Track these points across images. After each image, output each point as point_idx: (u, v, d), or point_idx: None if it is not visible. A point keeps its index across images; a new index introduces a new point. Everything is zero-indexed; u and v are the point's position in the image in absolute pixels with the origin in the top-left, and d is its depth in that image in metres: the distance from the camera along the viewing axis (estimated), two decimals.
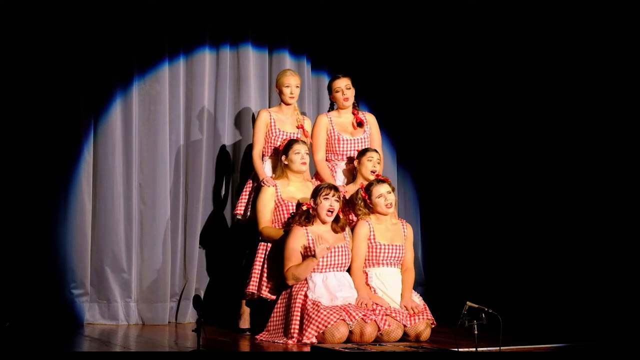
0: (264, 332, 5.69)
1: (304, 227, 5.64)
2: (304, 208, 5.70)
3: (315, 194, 5.67)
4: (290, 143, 6.06)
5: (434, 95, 7.55)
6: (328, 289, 5.54)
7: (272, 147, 6.30)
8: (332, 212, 5.65)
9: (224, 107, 6.99)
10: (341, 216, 5.76)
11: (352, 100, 6.39)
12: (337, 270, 5.64)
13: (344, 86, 6.35)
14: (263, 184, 6.05)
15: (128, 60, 6.63)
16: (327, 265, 5.60)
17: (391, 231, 5.88)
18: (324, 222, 5.68)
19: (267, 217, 6.00)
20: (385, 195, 5.84)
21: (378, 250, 5.80)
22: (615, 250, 6.39)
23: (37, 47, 6.36)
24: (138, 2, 6.63)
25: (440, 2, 7.32)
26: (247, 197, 6.28)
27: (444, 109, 7.53)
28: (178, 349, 5.48)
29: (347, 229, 5.87)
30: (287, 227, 5.85)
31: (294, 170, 6.04)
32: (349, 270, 5.76)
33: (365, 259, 5.80)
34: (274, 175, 6.16)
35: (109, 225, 6.50)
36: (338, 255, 5.65)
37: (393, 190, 5.92)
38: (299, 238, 5.62)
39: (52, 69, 6.40)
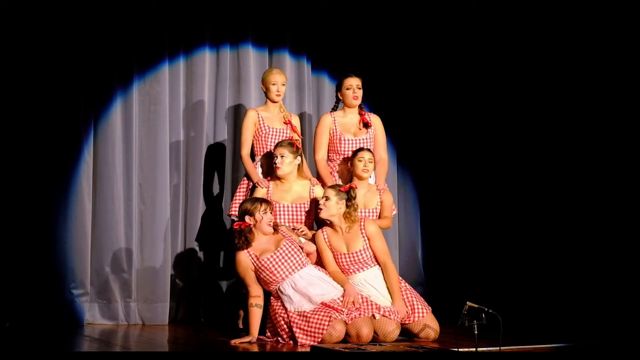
0: (263, 336, 5.66)
1: (245, 250, 5.57)
2: (238, 228, 5.58)
3: (250, 212, 5.56)
4: (275, 145, 6.03)
5: (434, 96, 7.55)
6: (302, 292, 5.50)
7: (262, 145, 6.27)
8: (271, 224, 5.62)
9: (224, 107, 6.99)
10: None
11: (360, 100, 6.37)
12: (299, 269, 5.56)
13: (355, 85, 6.32)
14: (258, 186, 6.05)
15: (128, 60, 6.63)
16: (286, 270, 5.53)
17: (346, 239, 5.76)
18: (266, 234, 5.61)
19: None
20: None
21: (338, 260, 5.75)
22: (615, 250, 6.39)
23: (37, 47, 6.36)
24: (138, 2, 6.63)
25: (441, 2, 7.31)
26: (241, 197, 6.24)
27: (444, 109, 7.52)
28: (178, 349, 5.48)
29: (283, 227, 5.78)
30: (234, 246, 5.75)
31: (276, 174, 6.01)
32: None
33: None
34: (269, 177, 6.13)
35: (109, 225, 6.51)
36: (289, 256, 5.56)
37: (352, 204, 5.73)
38: (245, 262, 5.55)
39: (52, 69, 6.39)
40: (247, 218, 5.58)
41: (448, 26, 7.41)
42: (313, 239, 5.86)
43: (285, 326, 5.49)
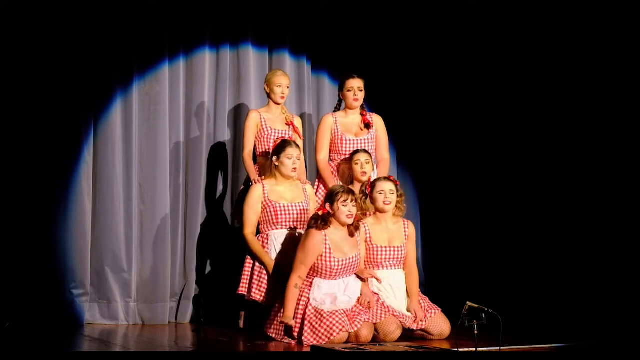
0: (269, 327, 5.63)
1: (322, 231, 5.50)
2: (320, 213, 5.52)
3: (331, 199, 5.49)
4: (284, 145, 5.96)
5: (434, 96, 7.55)
6: (331, 295, 5.49)
7: (264, 146, 6.28)
8: (351, 216, 5.52)
9: (224, 107, 6.99)
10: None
11: (361, 102, 6.37)
12: (346, 276, 5.58)
13: (357, 87, 6.31)
14: (252, 184, 6.04)
15: (128, 60, 6.63)
16: (337, 273, 5.52)
17: (389, 232, 5.83)
18: (344, 225, 5.54)
19: (252, 220, 5.95)
20: (386, 192, 5.79)
21: (375, 253, 5.77)
22: (615, 250, 6.39)
23: (37, 47, 6.36)
24: (138, 2, 6.63)
25: (441, 2, 7.32)
26: (243, 198, 6.24)
27: (444, 109, 7.53)
28: (178, 349, 5.48)
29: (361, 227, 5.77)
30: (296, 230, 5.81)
31: (284, 174, 5.97)
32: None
33: (365, 261, 5.79)
34: (263, 176, 6.12)
35: (109, 225, 6.50)
36: (349, 266, 5.55)
37: (401, 194, 5.86)
38: (317, 241, 5.47)
39: (52, 69, 6.39)
40: (327, 205, 5.54)
41: (448, 26, 7.42)
42: None
43: (299, 315, 5.47)
